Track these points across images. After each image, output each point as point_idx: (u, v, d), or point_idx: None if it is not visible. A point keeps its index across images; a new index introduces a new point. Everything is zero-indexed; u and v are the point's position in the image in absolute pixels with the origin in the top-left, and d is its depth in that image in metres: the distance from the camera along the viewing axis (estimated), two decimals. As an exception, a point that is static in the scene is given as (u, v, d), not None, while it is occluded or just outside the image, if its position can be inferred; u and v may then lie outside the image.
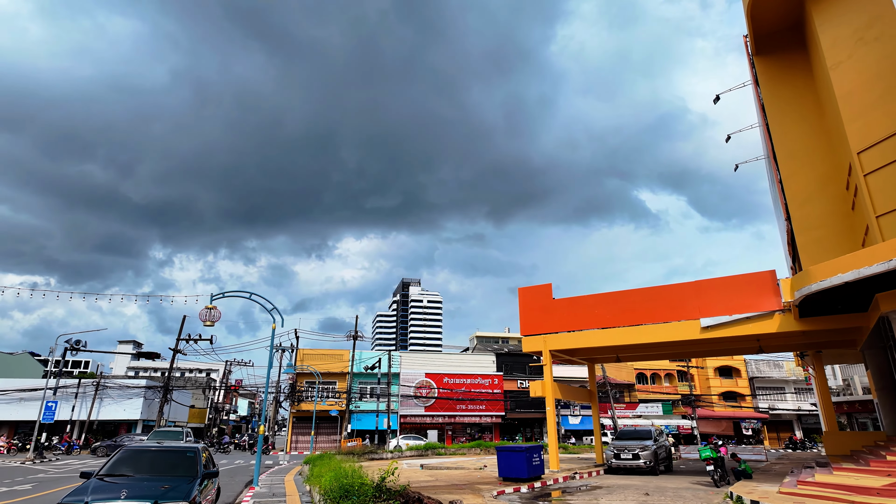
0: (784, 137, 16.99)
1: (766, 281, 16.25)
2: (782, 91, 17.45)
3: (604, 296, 19.07)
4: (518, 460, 15.62)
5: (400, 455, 30.79)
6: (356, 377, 47.17)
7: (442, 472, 20.12)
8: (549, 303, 20.06)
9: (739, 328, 16.28)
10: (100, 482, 7.65)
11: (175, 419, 55.82)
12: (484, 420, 48.99)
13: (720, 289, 16.95)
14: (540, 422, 52.20)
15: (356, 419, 45.50)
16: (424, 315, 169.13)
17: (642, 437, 20.80)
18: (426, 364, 49.74)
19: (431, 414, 47.21)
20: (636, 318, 18.10)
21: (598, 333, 18.56)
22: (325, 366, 46.76)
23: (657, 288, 18.03)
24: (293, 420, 46.49)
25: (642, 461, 19.28)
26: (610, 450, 20.13)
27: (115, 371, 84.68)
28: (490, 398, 48.82)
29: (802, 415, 57.56)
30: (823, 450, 36.18)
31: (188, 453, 8.60)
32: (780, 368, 59.57)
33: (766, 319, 15.94)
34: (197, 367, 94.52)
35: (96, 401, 43.52)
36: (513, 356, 53.72)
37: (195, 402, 65.07)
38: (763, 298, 16.10)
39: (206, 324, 15.38)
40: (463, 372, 49.63)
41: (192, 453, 8.59)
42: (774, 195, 24.93)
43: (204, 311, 15.47)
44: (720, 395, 57.33)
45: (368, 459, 28.32)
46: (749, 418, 55.35)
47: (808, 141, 16.54)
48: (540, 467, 16.46)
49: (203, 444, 9.86)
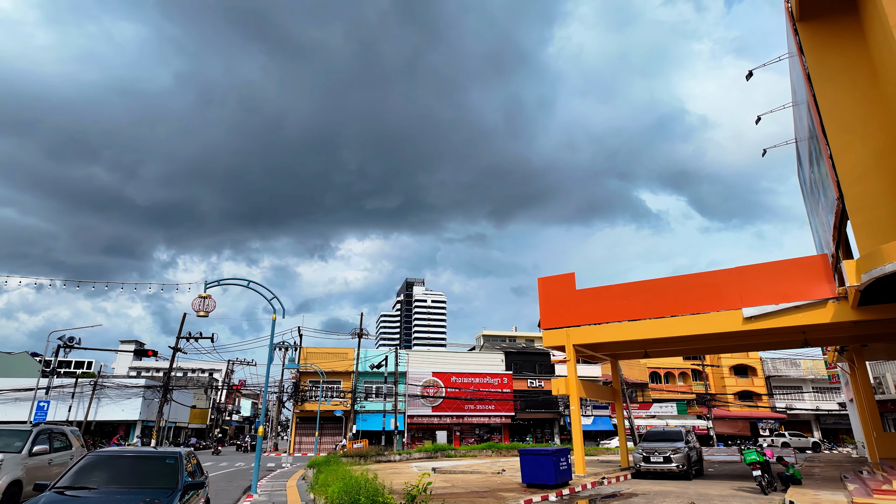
0: (834, 109, 15.42)
1: (817, 266, 14.72)
2: (831, 59, 15.89)
3: (633, 285, 17.55)
4: (544, 465, 14.11)
5: (408, 457, 29.32)
6: (361, 376, 45.72)
7: (457, 476, 18.62)
8: (572, 294, 18.55)
9: (787, 318, 14.73)
10: (56, 497, 6.20)
11: (176, 420, 54.55)
12: (493, 420, 47.47)
13: (765, 275, 15.42)
14: (550, 422, 50.66)
15: (361, 419, 44.04)
16: (429, 315, 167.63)
17: (673, 438, 19.25)
18: (433, 363, 48.23)
19: (439, 414, 45.71)
20: (669, 308, 16.57)
21: (627, 326, 17.02)
22: (330, 365, 45.32)
23: (694, 276, 16.51)
24: (296, 420, 45.07)
25: (674, 465, 17.75)
26: (638, 452, 18.60)
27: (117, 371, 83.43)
28: (499, 398, 47.27)
29: (821, 415, 55.81)
30: (855, 452, 34.65)
31: (167, 459, 7.12)
32: (798, 367, 57.82)
33: (819, 308, 14.39)
34: (199, 367, 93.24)
35: (94, 401, 42.17)
36: (522, 354, 52.17)
37: (197, 402, 63.74)
38: (814, 285, 14.56)
39: (199, 314, 13.94)
40: (471, 371, 48.11)
41: (173, 460, 7.12)
42: (807, 178, 23.38)
43: (197, 300, 14.03)
44: (735, 394, 55.64)
45: (376, 462, 26.87)
46: (766, 418, 53.62)
47: (861, 112, 15.00)
48: (567, 472, 14.95)
49: (189, 448, 8.29)
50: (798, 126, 22.08)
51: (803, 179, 25.24)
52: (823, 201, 18.41)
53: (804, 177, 24.67)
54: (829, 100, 15.63)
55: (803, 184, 25.47)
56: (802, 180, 25.66)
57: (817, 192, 20.49)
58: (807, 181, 23.18)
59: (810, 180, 21.75)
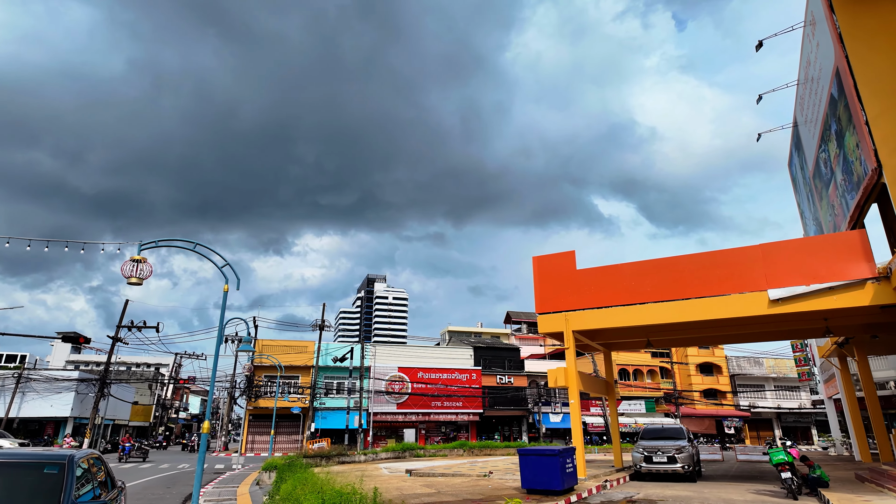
0: (869, 73, 13.97)
1: (853, 243, 13.16)
2: (865, 20, 14.46)
3: (644, 264, 15.66)
4: (550, 467, 11.96)
5: (375, 457, 26.80)
6: (322, 371, 42.71)
7: (438, 480, 16.30)
8: (573, 274, 16.53)
9: (819, 301, 13.12)
10: None
11: (115, 416, 50.01)
12: (460, 418, 45.32)
13: (794, 253, 13.80)
14: (519, 420, 48.99)
15: (321, 417, 41.07)
16: (390, 311, 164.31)
17: (674, 436, 17.51)
18: (399, 357, 45.69)
19: (404, 412, 43.23)
20: (683, 290, 14.75)
21: (636, 310, 15.10)
22: (287, 358, 42.07)
23: (713, 253, 14.75)
24: (250, 418, 41.66)
25: (680, 465, 15.96)
26: (638, 451, 16.75)
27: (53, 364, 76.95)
28: (468, 394, 45.18)
29: (782, 413, 56.37)
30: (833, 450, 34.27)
31: (47, 469, 4.50)
32: (761, 365, 58.26)
33: (856, 290, 12.82)
34: (145, 362, 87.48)
35: (17, 396, 37.61)
36: (491, 350, 50.28)
37: (139, 398, 59.01)
38: (850, 264, 13.00)
39: (130, 280, 11.10)
40: (438, 366, 45.85)
41: (56, 469, 4.50)
42: (810, 162, 22.21)
43: (129, 264, 11.18)
44: (701, 392, 55.47)
45: (339, 463, 24.24)
46: (731, 416, 53.66)
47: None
48: (573, 475, 12.87)
49: (92, 450, 5.51)
50: (804, 105, 20.85)
51: (801, 165, 24.16)
52: (842, 178, 17.05)
53: (803, 162, 23.57)
54: (865, 63, 14.15)
55: (801, 170, 24.38)
56: (800, 166, 24.59)
57: (828, 173, 19.19)
58: (809, 166, 22.01)
59: (816, 162, 20.53)
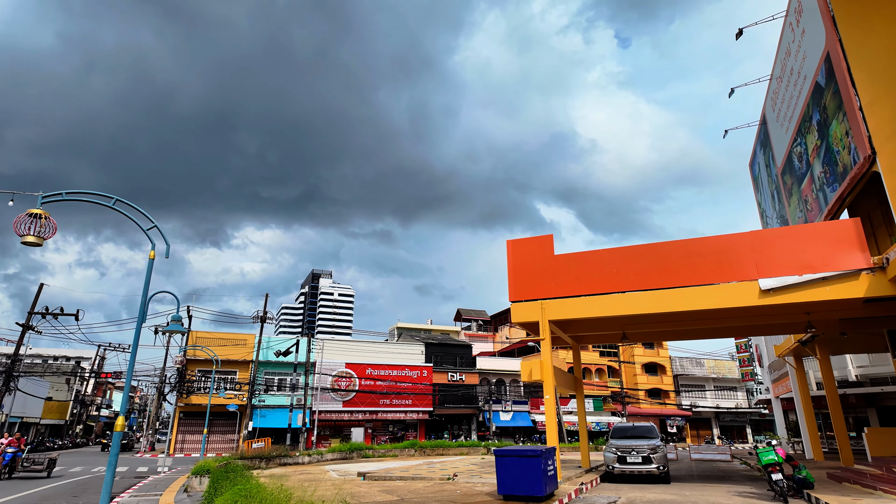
0: (863, 57, 13.47)
1: (848, 232, 12.53)
2: (861, 3, 13.96)
3: (626, 250, 14.59)
4: (531, 471, 10.53)
5: (320, 458, 24.70)
6: (262, 366, 39.88)
7: (396, 484, 14.59)
8: (550, 260, 15.26)
9: (812, 292, 12.41)
10: None
11: (23, 413, 45.04)
12: (409, 416, 43.61)
13: (786, 241, 13.06)
14: (468, 418, 47.80)
15: (260, 416, 38.28)
16: (335, 309, 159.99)
17: (646, 434, 16.60)
18: (347, 353, 43.44)
19: (350, 409, 41.07)
20: (667, 279, 13.78)
21: (618, 298, 13.98)
22: (224, 352, 38.92)
23: (700, 240, 13.83)
24: (180, 415, 38.27)
25: (655, 466, 15.02)
26: (611, 451, 15.71)
27: (-46, 357, 69.04)
28: (419, 391, 43.53)
29: (720, 412, 58.18)
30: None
31: None
32: (702, 366, 59.91)
33: (850, 281, 12.18)
34: (64, 355, 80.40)
35: None
36: (443, 346, 48.86)
37: (55, 393, 53.62)
38: (844, 254, 12.36)
39: (25, 239, 8.78)
40: (388, 363, 43.96)
41: None
42: (780, 158, 22.05)
43: (24, 218, 8.85)
44: (646, 391, 56.34)
45: (281, 465, 22.05)
46: (674, 416, 54.74)
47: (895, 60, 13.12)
48: (554, 479, 11.52)
49: None
50: (777, 100, 20.59)
51: (767, 163, 24.07)
52: (821, 171, 16.65)
53: (769, 160, 23.46)
54: (859, 47, 13.60)
55: (766, 167, 24.30)
56: (765, 164, 24.52)
57: (802, 167, 18.87)
58: (778, 162, 21.83)
59: (787, 157, 20.28)
